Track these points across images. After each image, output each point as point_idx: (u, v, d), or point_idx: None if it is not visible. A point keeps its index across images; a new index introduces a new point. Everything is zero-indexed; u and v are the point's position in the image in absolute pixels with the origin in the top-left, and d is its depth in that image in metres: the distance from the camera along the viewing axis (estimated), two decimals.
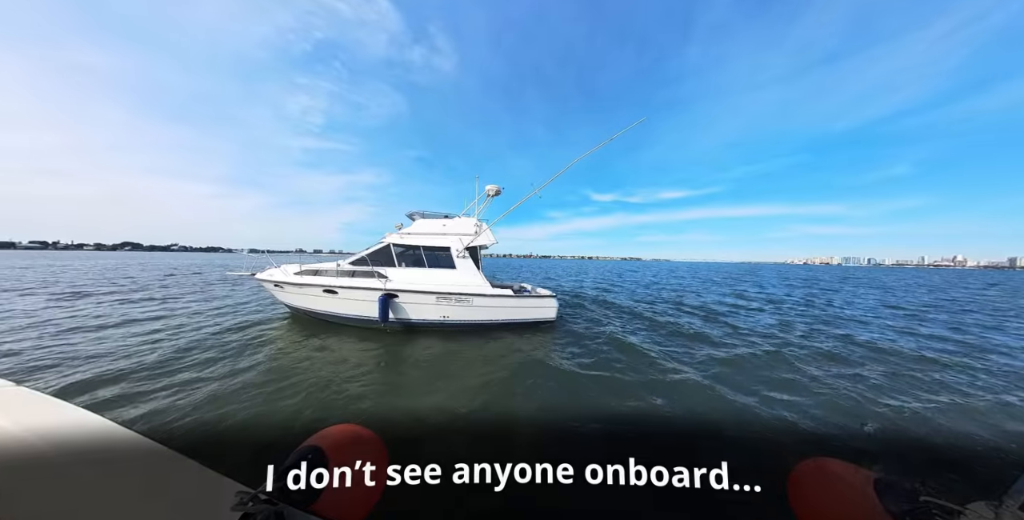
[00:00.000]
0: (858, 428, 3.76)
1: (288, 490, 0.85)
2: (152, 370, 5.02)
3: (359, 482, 0.95)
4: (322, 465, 0.90)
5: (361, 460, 0.98)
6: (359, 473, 0.96)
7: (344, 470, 0.93)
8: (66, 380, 4.50)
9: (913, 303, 15.30)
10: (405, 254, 8.38)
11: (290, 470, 0.87)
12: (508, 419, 3.98)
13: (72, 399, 3.93)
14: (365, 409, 4.10)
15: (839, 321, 10.47)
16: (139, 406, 3.93)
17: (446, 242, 8.60)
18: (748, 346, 7.24)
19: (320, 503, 0.86)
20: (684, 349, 7.00)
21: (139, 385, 4.49)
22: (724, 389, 4.83)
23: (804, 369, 5.81)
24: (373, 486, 0.99)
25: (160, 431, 3.40)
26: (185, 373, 4.96)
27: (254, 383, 4.68)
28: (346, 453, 0.96)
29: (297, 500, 0.85)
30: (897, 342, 7.79)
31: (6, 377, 1.37)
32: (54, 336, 6.66)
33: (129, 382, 4.57)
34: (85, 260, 48.83)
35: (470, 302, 8.10)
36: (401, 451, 3.09)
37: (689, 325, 9.38)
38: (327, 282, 7.87)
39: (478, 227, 9.07)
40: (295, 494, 0.85)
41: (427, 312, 7.91)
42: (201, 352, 5.87)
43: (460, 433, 3.61)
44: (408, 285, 7.75)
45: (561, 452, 3.50)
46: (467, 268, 8.56)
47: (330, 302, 8.01)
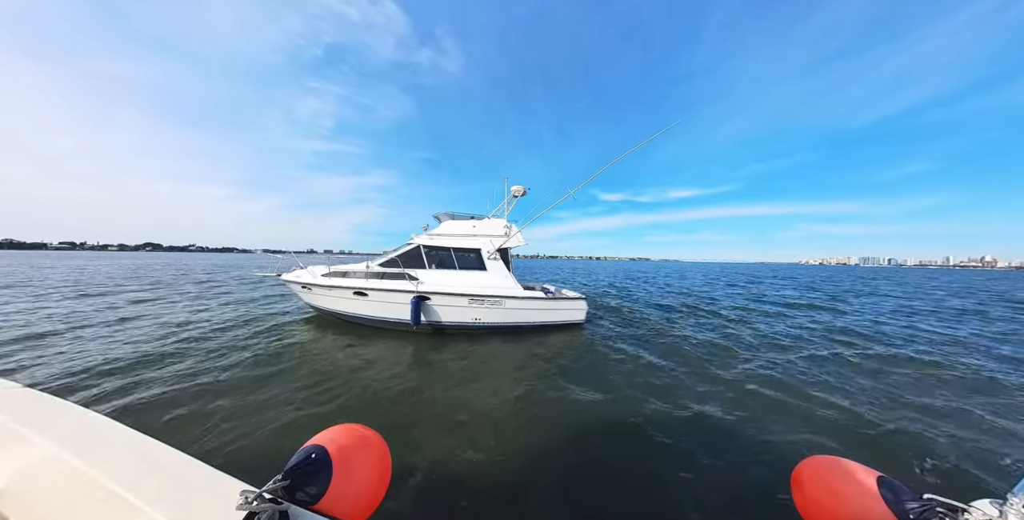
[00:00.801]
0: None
1: (292, 489, 0.84)
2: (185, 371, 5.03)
3: (363, 482, 0.95)
4: (326, 464, 0.89)
5: (365, 460, 0.98)
6: (363, 473, 0.96)
7: (348, 470, 0.92)
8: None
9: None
10: (435, 256, 8.23)
11: (294, 469, 0.85)
12: (553, 422, 3.86)
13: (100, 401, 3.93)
14: (403, 414, 3.96)
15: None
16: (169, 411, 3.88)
17: (476, 244, 8.44)
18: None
19: (324, 502, 0.85)
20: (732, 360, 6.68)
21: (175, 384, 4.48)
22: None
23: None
24: (377, 486, 0.98)
25: (225, 450, 3.30)
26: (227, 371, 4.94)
27: (292, 389, 4.59)
28: (350, 453, 0.95)
29: (301, 499, 0.83)
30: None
31: (8, 378, 1.38)
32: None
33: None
34: (132, 259, 50.33)
35: (502, 304, 7.92)
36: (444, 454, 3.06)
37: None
38: (358, 284, 7.74)
39: (508, 228, 8.90)
40: (299, 493, 0.84)
41: (459, 314, 7.76)
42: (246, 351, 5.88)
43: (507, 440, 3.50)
44: (440, 287, 7.59)
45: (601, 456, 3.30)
46: (498, 270, 8.39)
47: (360, 304, 7.90)
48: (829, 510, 0.97)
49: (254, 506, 0.73)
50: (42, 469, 0.91)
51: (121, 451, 0.99)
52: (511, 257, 8.89)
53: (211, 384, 4.63)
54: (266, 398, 4.27)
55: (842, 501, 0.95)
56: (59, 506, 0.82)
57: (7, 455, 0.94)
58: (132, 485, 0.84)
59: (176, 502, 0.81)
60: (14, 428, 1.03)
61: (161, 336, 6.95)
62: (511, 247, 8.83)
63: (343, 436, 1.00)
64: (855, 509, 0.92)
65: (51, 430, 1.04)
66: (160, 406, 3.99)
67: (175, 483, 0.89)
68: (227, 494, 0.82)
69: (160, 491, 0.84)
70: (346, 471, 0.91)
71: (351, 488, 0.91)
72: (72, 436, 1.03)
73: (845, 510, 0.94)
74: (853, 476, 0.98)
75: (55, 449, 0.95)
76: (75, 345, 6.21)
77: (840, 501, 0.96)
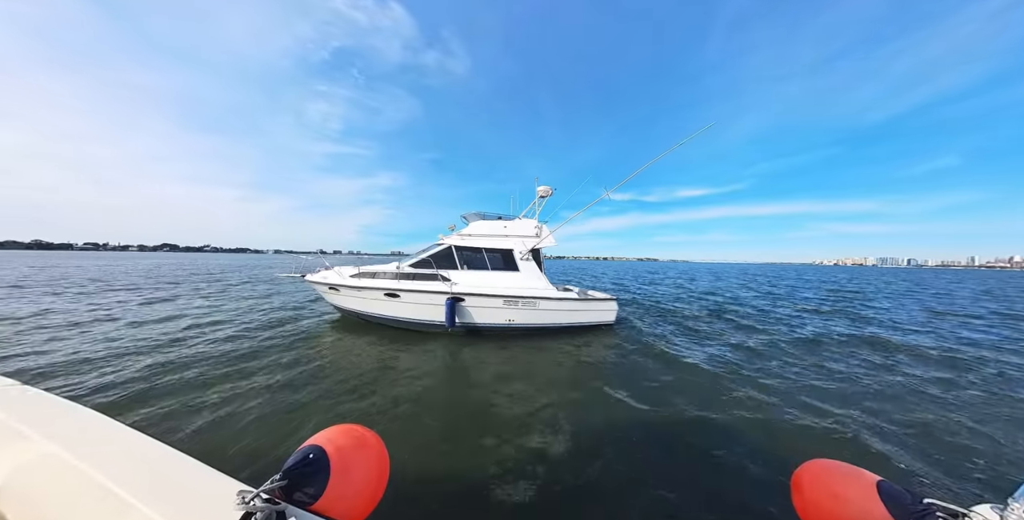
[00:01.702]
0: None
1: (290, 489, 0.82)
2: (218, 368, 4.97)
3: (360, 482, 0.94)
4: (324, 465, 0.88)
5: (363, 460, 0.97)
6: (361, 473, 0.95)
7: (346, 470, 0.91)
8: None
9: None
10: (466, 256, 8.07)
11: (292, 469, 0.84)
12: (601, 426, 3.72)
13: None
14: (443, 418, 3.78)
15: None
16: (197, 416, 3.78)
17: (508, 244, 8.26)
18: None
19: (321, 503, 0.84)
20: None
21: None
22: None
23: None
24: (374, 486, 0.97)
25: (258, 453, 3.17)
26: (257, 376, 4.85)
27: (322, 390, 4.47)
28: (348, 453, 0.94)
29: (299, 500, 0.82)
30: None
31: (9, 377, 1.38)
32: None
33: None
34: (158, 260, 51.86)
35: (536, 305, 7.73)
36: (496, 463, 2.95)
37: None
38: (389, 285, 7.60)
39: (539, 229, 8.71)
40: (297, 494, 0.83)
41: (493, 316, 7.58)
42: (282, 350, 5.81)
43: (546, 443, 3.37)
44: (475, 288, 7.43)
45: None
46: (531, 271, 8.19)
47: (391, 306, 7.74)
48: (829, 514, 0.95)
49: (251, 506, 0.72)
50: (40, 467, 0.91)
51: (119, 450, 0.99)
52: (543, 258, 8.70)
53: (245, 388, 4.54)
54: (297, 400, 4.18)
55: (842, 505, 0.94)
56: (57, 504, 0.82)
57: (5, 453, 0.94)
58: (130, 484, 0.84)
59: (173, 501, 0.81)
60: (13, 426, 1.03)
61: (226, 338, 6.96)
62: (542, 248, 8.64)
63: (341, 437, 0.99)
64: (855, 513, 0.91)
65: (50, 428, 1.04)
66: (193, 408, 3.91)
67: (173, 482, 0.88)
68: (225, 494, 0.81)
69: (158, 490, 0.84)
70: (344, 472, 0.90)
71: (349, 488, 0.89)
72: (71, 435, 1.03)
73: (845, 514, 0.92)
74: (853, 480, 0.97)
75: (54, 447, 0.95)
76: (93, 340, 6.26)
77: (840, 505, 0.94)
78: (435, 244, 8.45)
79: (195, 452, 0.95)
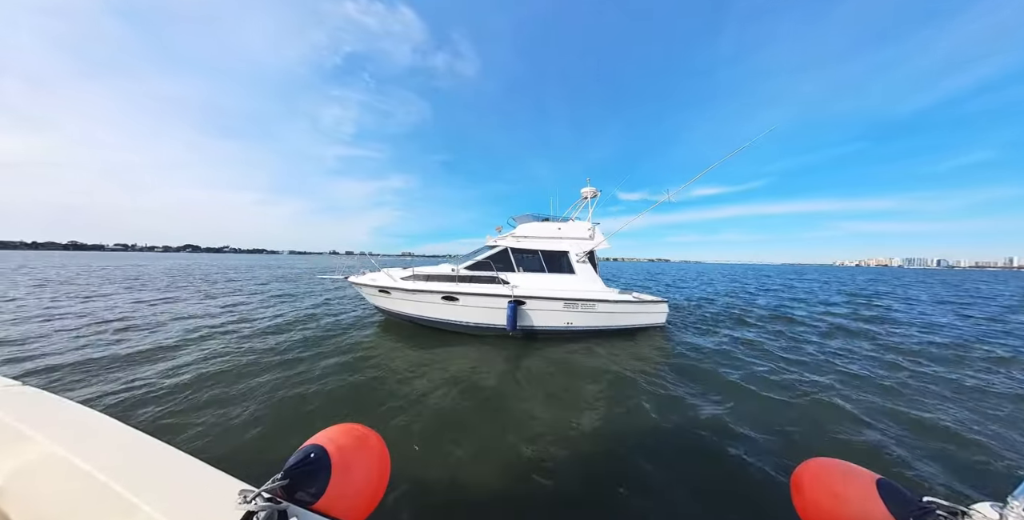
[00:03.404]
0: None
1: (291, 489, 0.83)
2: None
3: (362, 481, 0.94)
4: (325, 464, 0.88)
5: (364, 460, 0.97)
6: (362, 473, 0.95)
7: (347, 469, 0.91)
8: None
9: None
10: (522, 258, 8.05)
11: (293, 469, 0.85)
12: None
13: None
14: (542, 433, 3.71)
15: None
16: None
17: (563, 246, 8.22)
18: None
19: (323, 502, 0.84)
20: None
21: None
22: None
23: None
24: (376, 486, 0.97)
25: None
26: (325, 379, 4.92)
27: (383, 397, 4.44)
28: (349, 453, 0.94)
29: (300, 499, 0.82)
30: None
31: (11, 376, 1.37)
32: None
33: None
34: (189, 260, 53.89)
35: (594, 308, 7.66)
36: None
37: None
38: (448, 289, 7.52)
39: (592, 231, 8.66)
40: (298, 493, 0.83)
41: (553, 318, 7.53)
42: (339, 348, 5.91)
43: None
44: (536, 291, 7.40)
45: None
46: (587, 273, 8.14)
47: (449, 309, 7.66)
48: (829, 513, 0.94)
49: (253, 505, 0.72)
50: (42, 467, 0.91)
51: (121, 449, 0.99)
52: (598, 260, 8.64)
53: (307, 394, 4.49)
54: (356, 408, 4.14)
55: (842, 504, 0.93)
56: (58, 504, 0.82)
57: (7, 453, 0.94)
58: (131, 483, 0.84)
59: (175, 500, 0.81)
60: (14, 426, 1.03)
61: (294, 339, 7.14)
62: (596, 250, 8.59)
63: (342, 436, 0.99)
64: (855, 512, 0.90)
65: (51, 428, 1.04)
66: (251, 414, 3.89)
67: (174, 482, 0.88)
68: (226, 493, 0.81)
69: (159, 489, 0.84)
70: (345, 471, 0.90)
71: (350, 488, 0.90)
72: (72, 434, 1.03)
73: (845, 513, 0.91)
74: (853, 479, 0.96)
75: (55, 447, 0.95)
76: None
77: (840, 504, 0.93)
78: (487, 246, 8.46)
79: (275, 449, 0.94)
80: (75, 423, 1.11)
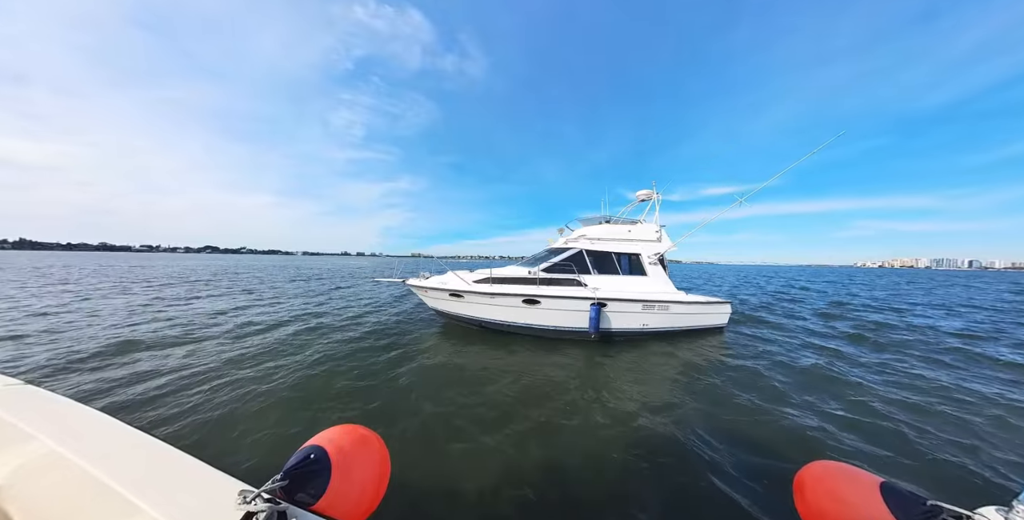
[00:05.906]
0: None
1: (291, 489, 0.84)
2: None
3: (362, 483, 0.94)
4: (325, 465, 0.89)
5: (364, 461, 0.97)
6: (362, 474, 0.95)
7: (347, 470, 0.91)
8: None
9: None
10: (596, 261, 8.23)
11: (293, 469, 0.85)
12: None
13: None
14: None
15: None
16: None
17: (635, 248, 8.45)
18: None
19: (322, 503, 0.84)
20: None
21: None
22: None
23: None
24: (376, 487, 0.98)
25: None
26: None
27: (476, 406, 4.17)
28: (349, 453, 0.94)
29: (300, 500, 0.83)
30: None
31: (12, 376, 1.42)
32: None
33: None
34: (212, 261, 54.91)
35: (668, 309, 7.88)
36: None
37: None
38: (529, 292, 7.50)
39: (659, 233, 8.88)
40: (298, 494, 0.84)
41: (630, 320, 7.74)
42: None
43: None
44: (616, 294, 7.59)
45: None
46: (659, 275, 8.37)
47: (529, 313, 7.58)
48: (832, 517, 0.93)
49: (252, 506, 0.73)
50: (42, 466, 0.91)
51: (121, 449, 1.00)
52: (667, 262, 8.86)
53: (371, 406, 4.23)
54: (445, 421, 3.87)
55: (845, 507, 0.92)
56: (58, 503, 0.82)
57: (7, 452, 0.95)
58: (131, 483, 0.84)
59: (175, 500, 0.81)
60: (15, 424, 1.04)
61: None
62: (665, 252, 8.80)
63: (342, 437, 0.99)
64: (858, 515, 0.88)
65: (52, 427, 1.05)
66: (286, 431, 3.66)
67: (174, 481, 0.89)
68: (226, 493, 0.81)
69: (159, 489, 0.84)
70: (345, 472, 0.90)
71: (350, 489, 0.90)
72: (73, 433, 1.04)
73: (848, 516, 0.90)
74: (856, 481, 0.95)
75: (55, 446, 0.96)
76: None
77: (843, 507, 0.92)
78: (561, 248, 8.55)
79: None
80: (76, 422, 1.11)
